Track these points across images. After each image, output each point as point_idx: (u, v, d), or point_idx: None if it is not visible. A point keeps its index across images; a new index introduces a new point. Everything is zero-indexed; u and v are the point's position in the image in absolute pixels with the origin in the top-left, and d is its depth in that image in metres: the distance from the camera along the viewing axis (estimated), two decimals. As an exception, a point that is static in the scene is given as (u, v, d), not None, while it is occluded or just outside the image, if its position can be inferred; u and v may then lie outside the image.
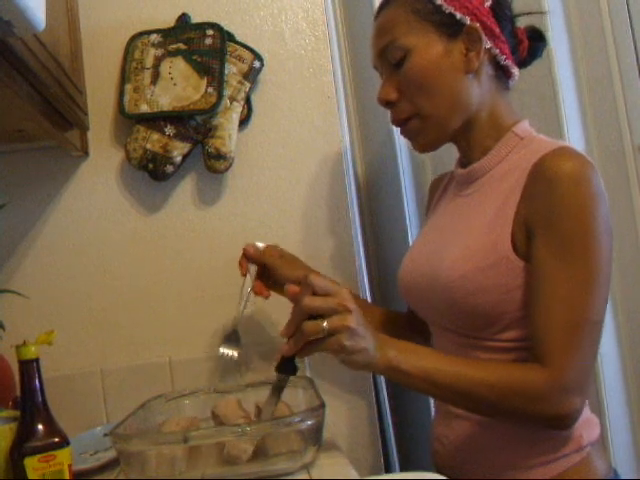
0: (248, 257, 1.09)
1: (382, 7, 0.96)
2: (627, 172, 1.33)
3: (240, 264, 1.09)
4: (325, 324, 0.76)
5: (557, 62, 1.32)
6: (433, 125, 0.92)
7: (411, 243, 1.27)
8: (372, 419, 1.24)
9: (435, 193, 1.11)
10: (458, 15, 0.89)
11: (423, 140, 0.95)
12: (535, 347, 0.81)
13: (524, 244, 0.83)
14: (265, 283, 1.09)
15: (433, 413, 1.22)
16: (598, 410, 1.27)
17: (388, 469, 1.25)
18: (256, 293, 1.08)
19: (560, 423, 0.80)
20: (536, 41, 0.97)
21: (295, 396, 1.05)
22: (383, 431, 1.25)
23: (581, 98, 1.35)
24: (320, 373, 1.21)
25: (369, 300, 1.27)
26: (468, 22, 0.89)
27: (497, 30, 0.90)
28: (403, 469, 1.25)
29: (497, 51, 0.91)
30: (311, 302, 0.78)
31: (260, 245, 1.11)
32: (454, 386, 0.81)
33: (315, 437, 0.85)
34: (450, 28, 0.89)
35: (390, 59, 0.92)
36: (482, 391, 0.80)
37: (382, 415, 1.25)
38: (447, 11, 0.89)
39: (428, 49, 0.90)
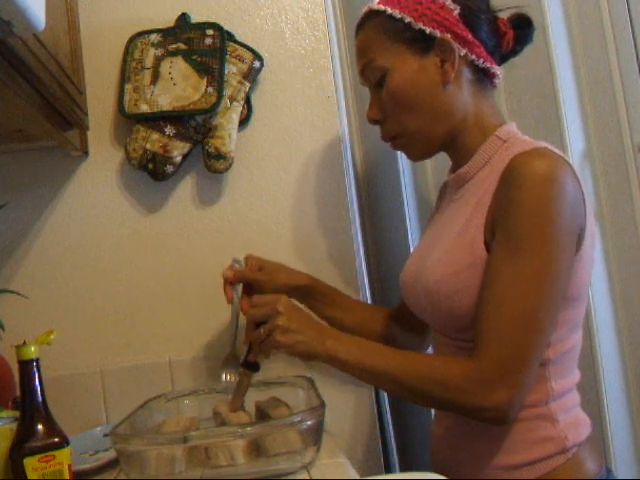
0: (230, 282, 1.07)
1: (358, 28, 0.98)
2: (627, 172, 1.33)
3: (225, 291, 1.07)
4: (261, 329, 0.91)
5: (557, 62, 1.32)
6: (419, 140, 0.95)
7: (411, 243, 1.28)
8: (372, 419, 1.24)
9: (442, 195, 1.11)
10: (428, 30, 0.90)
11: (413, 153, 0.99)
12: (474, 339, 0.82)
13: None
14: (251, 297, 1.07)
15: (433, 413, 1.23)
16: (598, 410, 1.27)
17: (388, 469, 1.25)
18: (244, 313, 1.05)
19: (485, 416, 0.81)
20: (523, 28, 0.97)
21: (295, 396, 1.05)
22: (383, 431, 1.25)
23: (581, 98, 1.35)
24: (320, 373, 1.21)
25: (369, 300, 1.27)
26: (438, 35, 0.90)
27: (469, 36, 0.91)
28: (403, 469, 1.25)
29: (473, 56, 0.92)
30: (252, 312, 0.94)
31: (239, 260, 1.10)
32: (385, 377, 0.86)
33: (315, 437, 0.85)
34: (422, 43, 0.91)
35: (371, 79, 0.96)
36: (410, 380, 0.84)
37: (382, 415, 1.25)
38: (417, 27, 0.90)
39: (404, 67, 0.91)
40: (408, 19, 0.90)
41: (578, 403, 0.90)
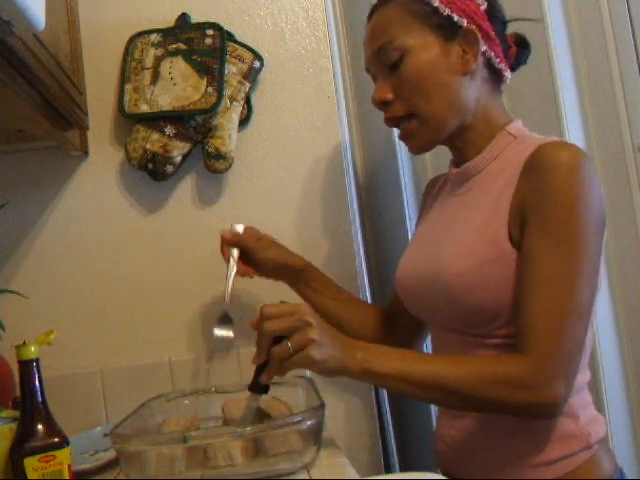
0: (226, 242, 1.11)
1: (376, 8, 0.96)
2: (627, 172, 1.33)
3: (222, 251, 1.11)
4: (289, 343, 0.79)
5: (557, 62, 1.32)
6: (431, 126, 0.92)
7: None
8: (372, 419, 1.24)
9: (429, 195, 1.11)
10: (455, 17, 0.90)
11: (419, 141, 0.95)
12: (519, 334, 0.81)
13: (519, 235, 0.83)
14: (247, 264, 1.13)
15: (435, 413, 1.22)
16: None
17: (388, 469, 1.25)
18: (241, 275, 1.12)
19: (544, 411, 0.79)
20: (521, 48, 0.98)
21: (295, 396, 1.05)
22: (383, 431, 1.25)
23: (581, 98, 1.35)
24: (320, 373, 1.21)
25: (369, 300, 1.27)
26: (465, 24, 0.90)
27: (492, 33, 0.91)
28: (403, 469, 1.25)
29: (492, 54, 0.92)
30: (272, 325, 0.81)
31: (238, 228, 1.13)
32: (432, 383, 0.81)
33: (315, 437, 0.85)
34: (447, 30, 0.90)
35: (386, 60, 0.92)
36: (460, 386, 0.80)
37: (382, 415, 1.25)
38: (444, 13, 0.90)
39: (425, 50, 0.90)
40: (436, 3, 0.90)
41: (591, 401, 0.90)
